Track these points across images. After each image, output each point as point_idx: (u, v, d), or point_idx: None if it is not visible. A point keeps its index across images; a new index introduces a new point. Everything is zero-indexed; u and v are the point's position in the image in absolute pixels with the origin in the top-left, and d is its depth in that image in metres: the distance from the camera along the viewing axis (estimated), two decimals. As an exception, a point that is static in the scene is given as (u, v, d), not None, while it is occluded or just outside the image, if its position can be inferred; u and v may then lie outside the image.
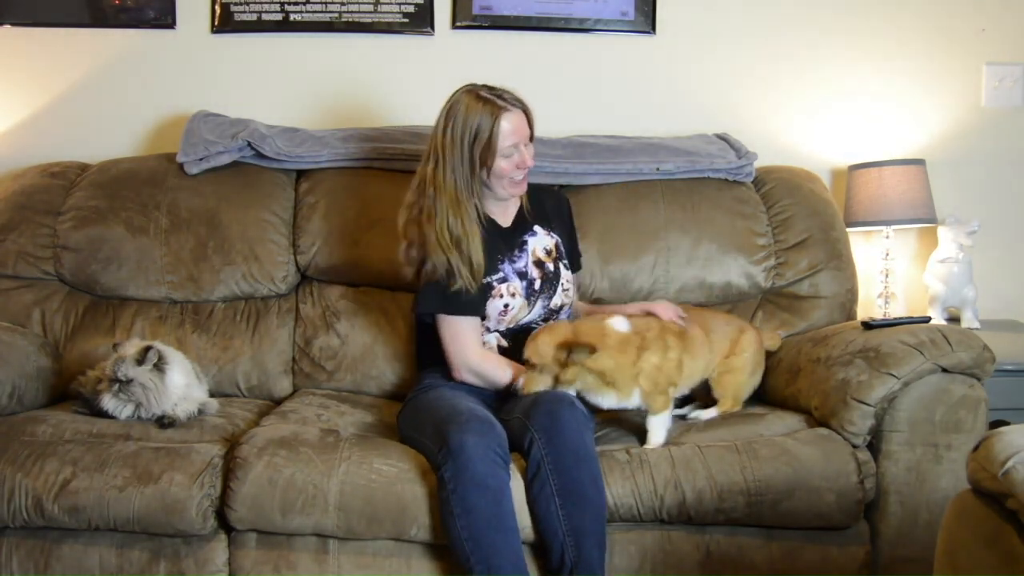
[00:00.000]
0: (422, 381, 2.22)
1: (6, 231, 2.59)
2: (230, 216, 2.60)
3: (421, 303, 2.16)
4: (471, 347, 2.15)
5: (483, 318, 2.18)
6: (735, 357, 2.23)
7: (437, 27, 2.94)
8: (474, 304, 2.14)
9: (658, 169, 2.64)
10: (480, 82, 2.16)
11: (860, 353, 2.10)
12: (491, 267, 2.17)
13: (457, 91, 2.15)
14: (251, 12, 2.92)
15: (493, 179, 2.14)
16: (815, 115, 2.97)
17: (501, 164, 2.12)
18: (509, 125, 2.10)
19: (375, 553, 1.97)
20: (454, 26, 2.94)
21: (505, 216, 2.26)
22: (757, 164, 2.72)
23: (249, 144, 2.65)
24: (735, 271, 2.58)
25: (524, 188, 2.22)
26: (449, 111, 2.12)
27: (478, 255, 2.11)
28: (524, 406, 2.01)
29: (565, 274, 2.28)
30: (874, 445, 2.05)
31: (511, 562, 1.83)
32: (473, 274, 2.10)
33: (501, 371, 2.14)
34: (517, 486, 1.92)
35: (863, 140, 2.96)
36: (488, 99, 2.11)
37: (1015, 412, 2.38)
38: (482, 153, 2.10)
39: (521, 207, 2.29)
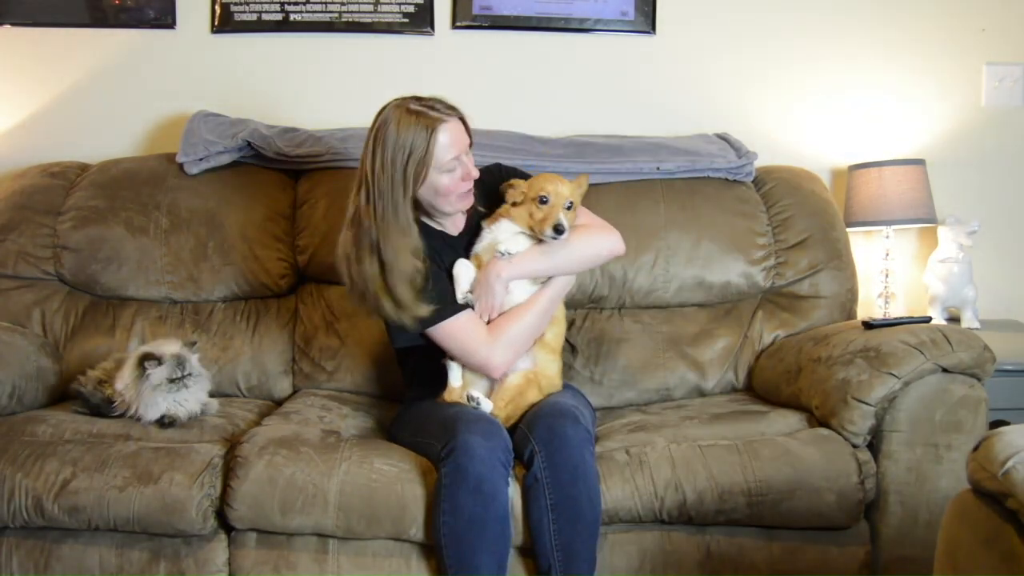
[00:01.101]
0: (413, 393, 2.20)
1: (6, 231, 2.59)
2: (230, 216, 2.60)
3: (398, 338, 2.05)
4: (483, 334, 2.01)
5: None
6: None
7: (437, 27, 2.94)
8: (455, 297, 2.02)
9: (658, 169, 2.64)
10: (409, 94, 2.00)
11: (861, 353, 2.10)
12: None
13: (384, 108, 1.98)
14: (251, 12, 2.92)
15: (439, 198, 2.00)
16: (815, 115, 2.97)
17: (443, 181, 1.97)
18: (447, 137, 1.94)
19: (375, 553, 1.96)
20: (454, 26, 2.94)
21: (454, 224, 2.13)
22: (757, 164, 2.72)
23: (249, 144, 2.65)
24: (735, 271, 2.58)
25: (471, 199, 2.06)
26: (377, 133, 1.95)
27: (409, 292, 1.95)
28: (528, 418, 2.01)
29: None
30: (874, 445, 2.04)
31: (488, 567, 1.82)
32: (416, 302, 1.96)
33: (524, 307, 2.03)
34: (514, 492, 1.91)
35: (863, 140, 2.96)
36: (420, 112, 1.94)
37: (1015, 412, 2.38)
38: (416, 169, 1.93)
39: (470, 210, 2.12)
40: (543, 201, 2.02)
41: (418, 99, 1.98)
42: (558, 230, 1.99)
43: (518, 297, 2.06)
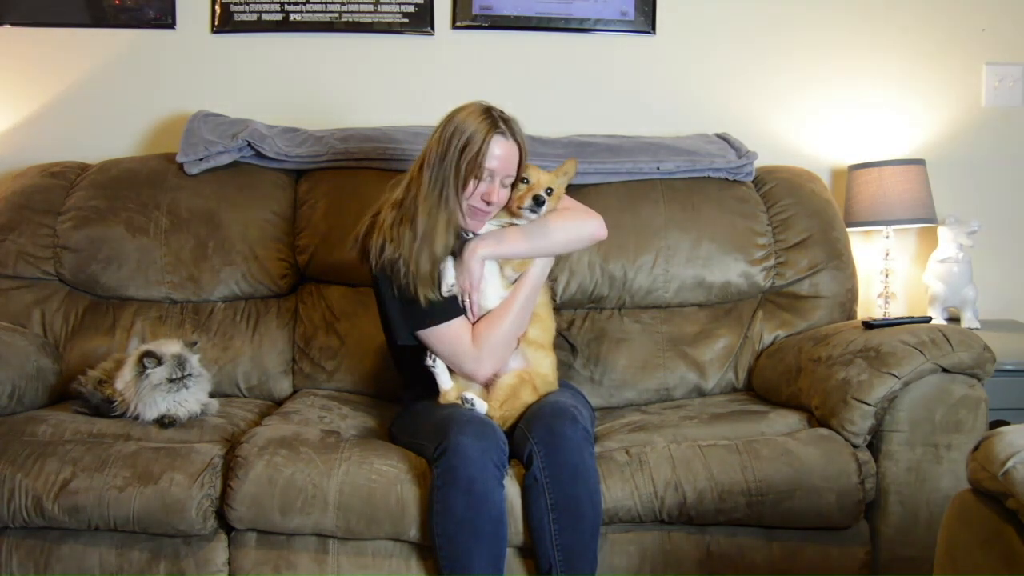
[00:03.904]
0: (411, 393, 2.20)
1: (6, 231, 2.59)
2: (230, 216, 2.60)
3: (400, 334, 2.06)
4: (470, 345, 2.02)
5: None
6: None
7: (437, 27, 2.94)
8: (453, 302, 2.03)
9: (658, 168, 2.64)
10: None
11: (861, 353, 2.10)
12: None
13: (470, 102, 2.03)
14: (251, 12, 2.92)
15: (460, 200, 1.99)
16: (815, 115, 2.97)
17: (470, 185, 1.97)
18: (499, 150, 1.96)
19: (375, 553, 1.97)
20: (454, 26, 2.94)
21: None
22: (757, 164, 2.72)
23: (249, 144, 2.65)
24: (735, 271, 2.58)
25: (481, 227, 2.04)
26: (451, 115, 2.00)
27: (430, 262, 1.97)
28: (526, 417, 2.01)
29: None
30: (874, 445, 2.05)
31: (482, 567, 1.82)
32: (432, 280, 1.98)
33: (501, 309, 2.04)
34: (514, 493, 1.91)
35: (863, 140, 2.96)
36: (491, 116, 1.98)
37: (1015, 412, 2.38)
38: (468, 164, 1.94)
39: None
40: (523, 181, 2.05)
41: (500, 111, 2.01)
42: (537, 201, 2.01)
43: (491, 302, 2.06)
